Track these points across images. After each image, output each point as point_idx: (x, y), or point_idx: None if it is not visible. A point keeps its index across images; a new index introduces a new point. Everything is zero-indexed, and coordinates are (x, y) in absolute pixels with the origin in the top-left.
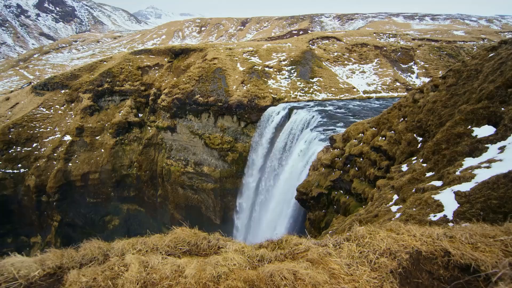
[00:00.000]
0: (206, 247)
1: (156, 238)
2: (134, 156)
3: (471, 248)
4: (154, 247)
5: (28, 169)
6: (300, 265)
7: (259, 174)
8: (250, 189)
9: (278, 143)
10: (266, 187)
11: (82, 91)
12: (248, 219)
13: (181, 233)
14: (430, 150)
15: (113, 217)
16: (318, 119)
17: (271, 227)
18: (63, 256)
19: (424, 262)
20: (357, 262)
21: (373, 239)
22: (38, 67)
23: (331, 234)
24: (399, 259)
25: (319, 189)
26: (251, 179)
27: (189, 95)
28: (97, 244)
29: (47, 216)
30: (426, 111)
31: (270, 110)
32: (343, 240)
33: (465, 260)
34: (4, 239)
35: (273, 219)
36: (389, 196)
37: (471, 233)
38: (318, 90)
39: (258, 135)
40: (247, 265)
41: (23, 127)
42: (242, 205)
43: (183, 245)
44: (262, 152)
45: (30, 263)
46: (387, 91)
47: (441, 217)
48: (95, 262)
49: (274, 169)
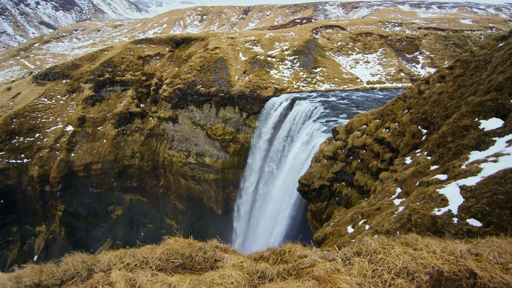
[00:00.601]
0: (202, 260)
1: (146, 250)
2: (136, 147)
3: (500, 270)
4: (144, 261)
5: (31, 159)
6: (305, 285)
7: (259, 172)
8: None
9: (280, 134)
10: (267, 180)
11: (83, 81)
12: (249, 211)
13: (174, 244)
14: (435, 143)
15: (116, 207)
16: (321, 110)
17: (273, 217)
18: (42, 272)
19: (447, 285)
20: (369, 282)
21: (388, 255)
22: (39, 56)
23: (333, 226)
24: (418, 280)
25: (321, 181)
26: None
27: (191, 85)
28: (81, 258)
29: (51, 206)
30: (431, 103)
31: (272, 101)
32: (353, 254)
33: (494, 284)
34: (9, 228)
35: (275, 211)
36: (392, 189)
37: (500, 251)
38: (321, 80)
39: (260, 126)
40: (246, 284)
41: (25, 117)
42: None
43: (176, 257)
44: (263, 145)
45: (4, 280)
46: (391, 82)
47: (446, 212)
48: (78, 278)
49: (276, 161)
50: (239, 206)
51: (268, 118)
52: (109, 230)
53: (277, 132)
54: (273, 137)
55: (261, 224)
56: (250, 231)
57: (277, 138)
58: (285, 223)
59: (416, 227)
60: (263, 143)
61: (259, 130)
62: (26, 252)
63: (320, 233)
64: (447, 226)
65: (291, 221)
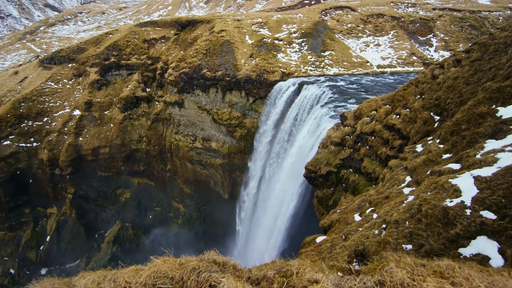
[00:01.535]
0: (194, 285)
1: (129, 273)
2: (142, 131)
3: None
4: (126, 286)
5: (40, 143)
6: None
7: (265, 155)
8: (257, 169)
9: (287, 120)
10: (273, 166)
11: (89, 65)
12: (255, 197)
13: (163, 266)
14: (449, 131)
15: (124, 190)
16: (329, 95)
17: (279, 203)
18: None
19: None
20: None
21: None
22: (45, 40)
23: (340, 214)
24: None
25: (328, 167)
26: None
27: (197, 69)
28: (51, 285)
29: (61, 189)
30: (445, 88)
31: (279, 85)
32: (374, 284)
33: None
34: (22, 209)
35: (281, 196)
36: (401, 178)
37: None
38: (330, 64)
39: (266, 111)
40: None
41: (33, 102)
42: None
43: (165, 282)
44: (270, 131)
45: None
46: (402, 66)
47: (458, 203)
48: None
49: (282, 147)
50: (245, 190)
51: (275, 103)
52: (118, 213)
53: (283, 117)
54: (280, 123)
55: (267, 210)
56: (255, 215)
57: (283, 124)
58: (290, 209)
59: (426, 218)
60: (269, 128)
61: (266, 115)
62: (39, 233)
63: (327, 220)
64: (459, 218)
65: (297, 207)
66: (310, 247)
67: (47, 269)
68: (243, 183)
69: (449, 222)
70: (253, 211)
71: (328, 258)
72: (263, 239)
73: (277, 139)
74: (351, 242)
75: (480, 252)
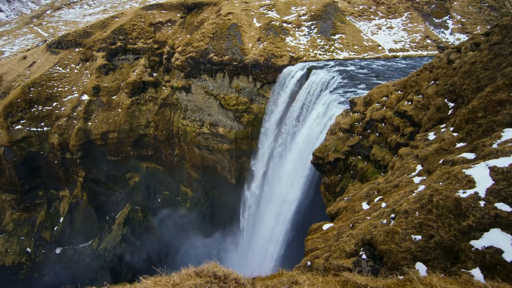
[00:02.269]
0: None
1: None
2: (150, 116)
3: None
4: None
5: (50, 127)
6: None
7: (273, 142)
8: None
9: (294, 105)
10: (281, 151)
11: (96, 50)
12: (262, 179)
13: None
14: (464, 118)
15: (134, 174)
16: (338, 80)
17: (287, 189)
18: None
19: None
20: None
21: None
22: (52, 24)
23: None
24: None
25: (336, 154)
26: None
27: (203, 53)
28: None
29: (72, 172)
30: (462, 74)
31: (287, 70)
32: None
33: None
34: (36, 192)
35: (288, 182)
36: (412, 166)
37: None
38: (340, 48)
39: (274, 97)
40: None
41: (42, 86)
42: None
43: None
44: (277, 116)
45: None
46: (415, 50)
47: (472, 194)
48: None
49: (290, 132)
50: (251, 175)
51: (282, 88)
52: (128, 196)
53: (291, 103)
54: (288, 108)
55: (274, 194)
56: (262, 199)
57: (291, 109)
58: (297, 195)
59: (437, 209)
60: (277, 114)
61: (274, 100)
62: (53, 214)
63: (334, 207)
64: (472, 209)
65: (303, 193)
66: (316, 234)
67: (61, 248)
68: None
69: (461, 213)
70: (260, 197)
71: (334, 246)
72: (269, 225)
73: (284, 126)
74: (358, 231)
75: (492, 245)
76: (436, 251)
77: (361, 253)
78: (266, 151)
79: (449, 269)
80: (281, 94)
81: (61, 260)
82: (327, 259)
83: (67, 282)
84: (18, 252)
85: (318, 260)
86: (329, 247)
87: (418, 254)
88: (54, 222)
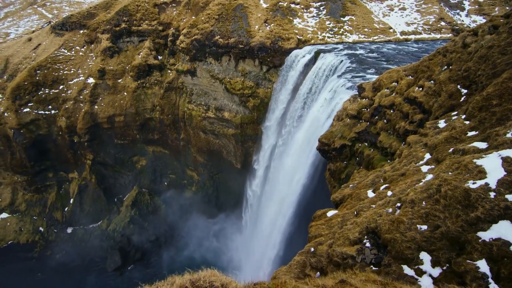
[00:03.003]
0: None
1: None
2: (156, 100)
3: None
4: None
5: (58, 110)
6: None
7: (279, 126)
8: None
9: (301, 90)
10: (287, 137)
11: (100, 32)
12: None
13: None
14: (477, 106)
15: (140, 158)
16: (347, 64)
17: (291, 174)
18: None
19: None
20: None
21: None
22: (55, 4)
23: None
24: None
25: (342, 140)
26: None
27: (209, 36)
28: None
29: (80, 155)
30: (477, 58)
31: (294, 53)
32: None
33: None
34: (46, 174)
35: (294, 167)
36: (420, 155)
37: None
38: (349, 30)
39: (281, 81)
40: None
41: (48, 69)
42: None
43: None
44: (284, 100)
45: None
46: (428, 32)
47: (482, 185)
48: None
49: (296, 118)
50: (257, 160)
51: (289, 72)
52: (135, 179)
53: (298, 87)
54: (294, 93)
55: (280, 178)
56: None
57: (297, 94)
58: (302, 181)
59: (445, 199)
60: (283, 98)
61: (280, 84)
62: (63, 196)
63: (338, 194)
64: (482, 200)
65: (308, 179)
66: (320, 221)
67: (72, 228)
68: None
69: (470, 204)
70: (265, 181)
71: (338, 233)
72: (274, 211)
73: (290, 111)
74: (363, 219)
75: (501, 237)
76: (442, 242)
77: (365, 241)
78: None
79: (454, 260)
80: (286, 80)
81: (72, 239)
82: (331, 246)
83: (78, 260)
84: (31, 231)
85: (321, 246)
86: (333, 234)
87: (423, 244)
88: (65, 203)
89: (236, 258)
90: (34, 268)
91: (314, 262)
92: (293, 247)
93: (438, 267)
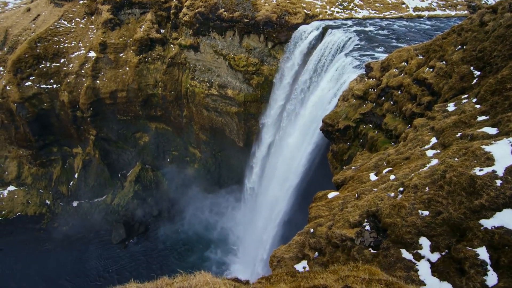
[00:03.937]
0: None
1: None
2: (158, 76)
3: None
4: None
5: (60, 84)
6: None
7: (282, 106)
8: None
9: (306, 68)
10: (291, 116)
11: (101, 2)
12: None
13: None
14: (490, 89)
15: (143, 134)
16: (355, 41)
17: (293, 155)
18: None
19: None
20: None
21: None
22: None
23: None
24: None
25: (346, 121)
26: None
27: (213, 9)
28: None
29: (84, 130)
30: (494, 38)
31: (301, 29)
32: None
33: None
34: (50, 148)
35: (297, 146)
36: (426, 138)
37: None
38: (360, 5)
39: (286, 58)
40: None
41: (48, 42)
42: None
43: None
44: (288, 79)
45: None
46: (443, 9)
47: (489, 173)
48: None
49: (300, 97)
50: (259, 140)
51: (295, 49)
52: (138, 155)
53: (304, 65)
54: (299, 71)
55: (281, 160)
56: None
57: (303, 72)
58: (303, 163)
59: (449, 185)
60: (288, 76)
61: (285, 62)
62: (68, 170)
63: (340, 175)
64: (487, 188)
65: (310, 161)
66: (321, 202)
67: (78, 202)
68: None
69: (475, 191)
70: (267, 160)
71: (338, 215)
72: (275, 188)
73: (295, 91)
74: (364, 202)
75: (503, 225)
76: (443, 227)
77: (365, 224)
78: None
79: (454, 246)
80: (292, 57)
81: (78, 212)
82: (330, 227)
83: (84, 232)
84: (38, 204)
85: (321, 228)
86: (333, 216)
87: (423, 229)
88: (70, 177)
89: (236, 233)
90: (42, 239)
91: (313, 242)
92: (292, 228)
93: (437, 252)
